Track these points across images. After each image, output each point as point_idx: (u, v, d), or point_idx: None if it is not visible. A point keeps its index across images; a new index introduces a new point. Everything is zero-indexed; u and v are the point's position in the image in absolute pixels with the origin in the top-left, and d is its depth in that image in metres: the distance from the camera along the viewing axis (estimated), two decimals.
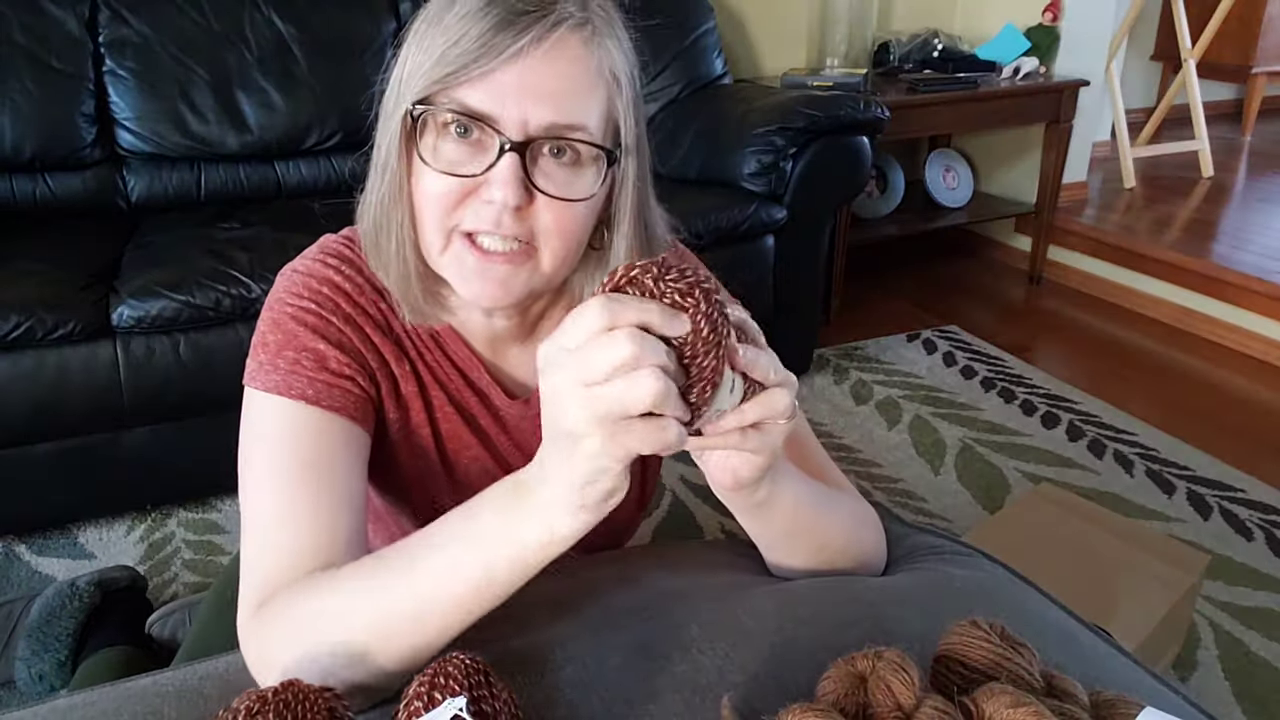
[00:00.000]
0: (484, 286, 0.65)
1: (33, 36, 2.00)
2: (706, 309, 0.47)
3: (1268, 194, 3.44)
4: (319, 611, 0.57)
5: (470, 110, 0.61)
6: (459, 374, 0.77)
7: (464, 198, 0.63)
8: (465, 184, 0.62)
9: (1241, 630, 1.54)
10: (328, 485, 0.64)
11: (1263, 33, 4.14)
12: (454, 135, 0.62)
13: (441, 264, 0.66)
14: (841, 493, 0.74)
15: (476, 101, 0.60)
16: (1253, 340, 2.60)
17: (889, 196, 3.03)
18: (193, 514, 1.86)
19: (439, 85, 0.61)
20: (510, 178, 0.60)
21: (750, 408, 0.51)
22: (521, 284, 0.66)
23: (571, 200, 0.64)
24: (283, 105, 2.17)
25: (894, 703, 0.49)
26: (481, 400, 0.78)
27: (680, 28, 2.55)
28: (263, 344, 0.69)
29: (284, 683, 0.50)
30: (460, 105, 0.61)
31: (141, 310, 1.63)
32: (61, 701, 0.61)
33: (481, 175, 0.62)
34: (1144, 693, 0.59)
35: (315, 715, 0.48)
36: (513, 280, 0.65)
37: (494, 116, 0.60)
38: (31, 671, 1.36)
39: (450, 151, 0.62)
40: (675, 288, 0.47)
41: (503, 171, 0.61)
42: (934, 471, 2.02)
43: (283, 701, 0.48)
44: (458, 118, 0.61)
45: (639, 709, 0.57)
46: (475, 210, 0.63)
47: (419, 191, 0.64)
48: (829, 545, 0.71)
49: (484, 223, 0.63)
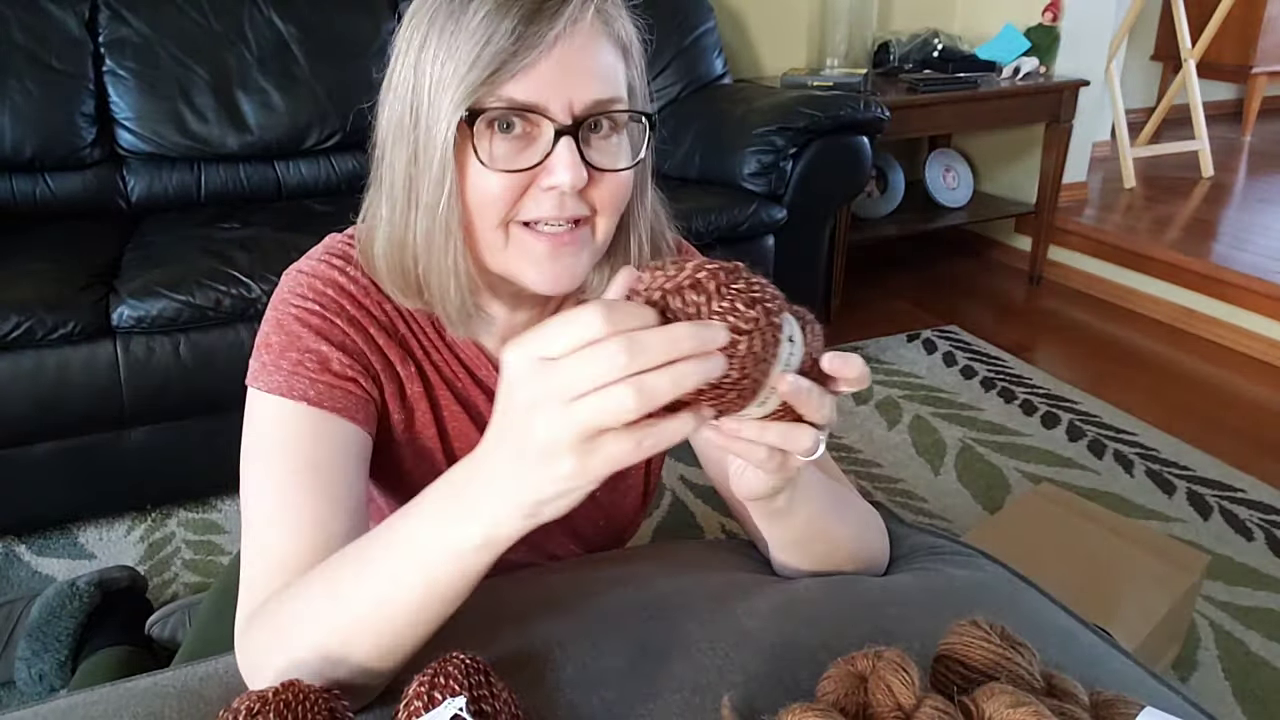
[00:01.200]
0: (557, 272, 0.66)
1: (33, 36, 2.00)
2: (763, 325, 0.44)
3: (1268, 194, 3.44)
4: (295, 615, 0.57)
5: (520, 104, 0.61)
6: (466, 372, 0.77)
7: (523, 192, 0.64)
8: (524, 177, 0.63)
9: (1241, 630, 1.54)
10: (327, 487, 0.64)
11: (1263, 33, 4.14)
12: (500, 134, 0.63)
13: (507, 259, 0.66)
14: (853, 496, 0.75)
15: (524, 94, 0.61)
16: (1253, 340, 2.60)
17: (889, 196, 3.02)
18: (193, 514, 1.86)
19: (484, 88, 0.61)
20: (572, 160, 0.61)
21: (771, 430, 0.50)
22: (585, 264, 0.68)
23: (625, 169, 0.66)
24: (283, 105, 2.17)
25: (894, 703, 0.49)
26: (490, 398, 0.78)
27: (680, 28, 2.55)
28: (266, 345, 0.69)
29: (284, 683, 0.50)
30: (510, 101, 0.61)
31: (141, 310, 1.63)
32: (61, 701, 0.61)
33: (540, 164, 0.63)
34: (1144, 693, 0.59)
35: (315, 715, 0.48)
36: (580, 260, 0.67)
37: (543, 105, 0.61)
38: (31, 671, 1.36)
39: (502, 148, 0.63)
40: (741, 297, 0.44)
41: (563, 156, 0.62)
42: (934, 471, 2.02)
43: (283, 701, 0.48)
44: (507, 114, 0.62)
45: (639, 709, 0.57)
46: (535, 200, 0.64)
47: (478, 194, 0.64)
48: (839, 550, 0.71)
49: (546, 210, 0.64)
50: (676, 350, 0.41)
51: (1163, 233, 3.00)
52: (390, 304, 0.73)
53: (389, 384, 0.73)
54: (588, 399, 0.42)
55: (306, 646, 0.55)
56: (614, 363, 0.41)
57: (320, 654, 0.54)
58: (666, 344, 0.41)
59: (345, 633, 0.54)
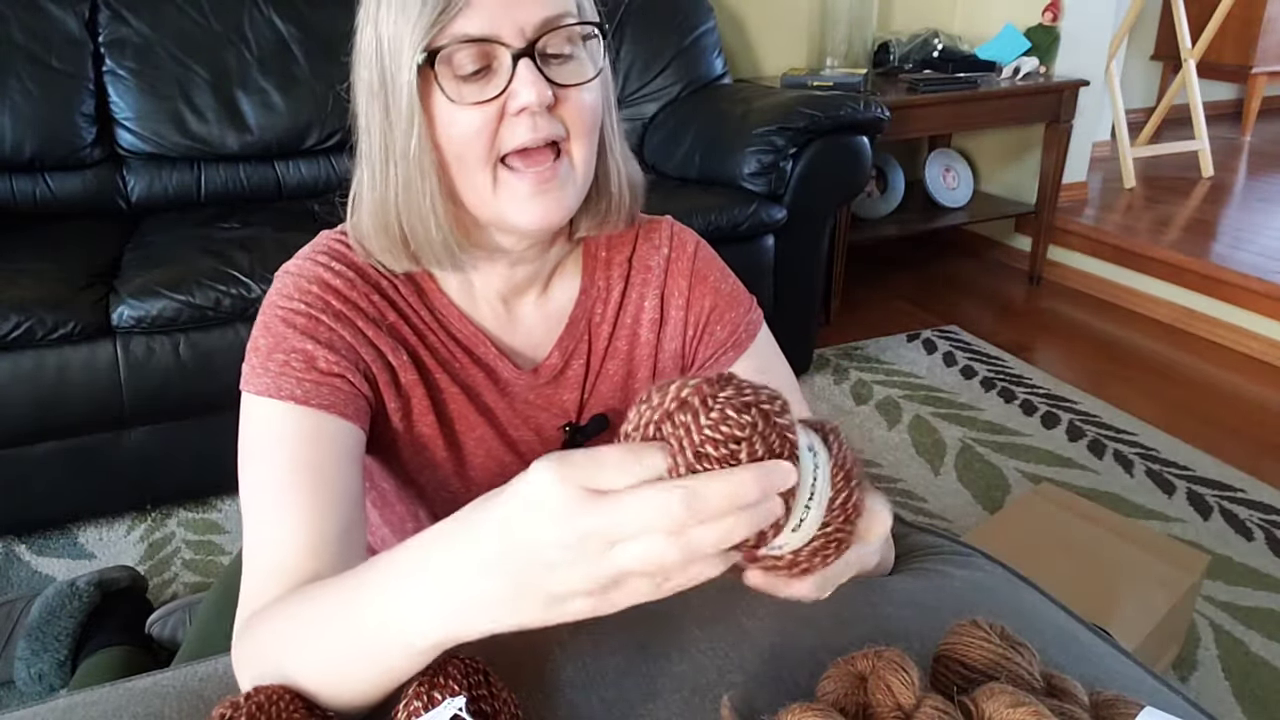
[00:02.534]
0: (545, 207, 0.67)
1: (33, 36, 2.00)
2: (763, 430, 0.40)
3: (1268, 194, 3.45)
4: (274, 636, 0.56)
5: (473, 37, 0.63)
6: (464, 351, 0.77)
7: (498, 122, 0.65)
8: (493, 107, 0.65)
9: (1241, 630, 1.54)
10: (319, 486, 0.65)
11: (1263, 33, 4.14)
12: (464, 71, 0.64)
13: (497, 201, 0.68)
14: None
15: (475, 28, 0.63)
16: (1253, 340, 2.60)
17: (889, 196, 3.03)
18: (193, 514, 1.86)
19: (436, 29, 0.63)
20: (533, 78, 0.63)
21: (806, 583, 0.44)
22: (570, 198, 0.69)
23: (589, 81, 0.67)
24: (283, 105, 2.17)
25: (894, 703, 0.49)
26: (488, 375, 0.78)
27: (680, 28, 2.55)
28: (254, 348, 0.69)
29: (258, 687, 0.50)
30: (463, 36, 0.63)
31: (141, 310, 1.63)
32: (61, 701, 0.61)
33: (505, 90, 0.64)
34: (1144, 693, 0.59)
35: (290, 718, 0.48)
36: (565, 194, 0.68)
37: (495, 34, 0.63)
38: (31, 671, 1.36)
39: (465, 88, 0.65)
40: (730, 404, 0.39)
41: (524, 76, 0.63)
42: (934, 471, 2.02)
43: (255, 704, 0.48)
44: (464, 47, 0.63)
45: (639, 709, 0.57)
46: (511, 129, 0.65)
47: (453, 138, 0.66)
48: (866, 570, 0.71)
49: (521, 135, 0.65)
50: (736, 505, 0.38)
51: (1163, 233, 3.00)
52: (379, 294, 0.73)
53: (381, 374, 0.73)
54: (628, 546, 0.38)
55: (277, 674, 0.54)
56: (670, 514, 0.37)
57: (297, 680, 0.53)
58: (727, 500, 0.38)
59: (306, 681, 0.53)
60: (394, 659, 0.49)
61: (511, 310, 0.79)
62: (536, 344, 0.80)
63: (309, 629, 0.54)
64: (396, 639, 0.48)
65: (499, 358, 0.78)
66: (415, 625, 0.47)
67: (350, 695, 0.52)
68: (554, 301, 0.80)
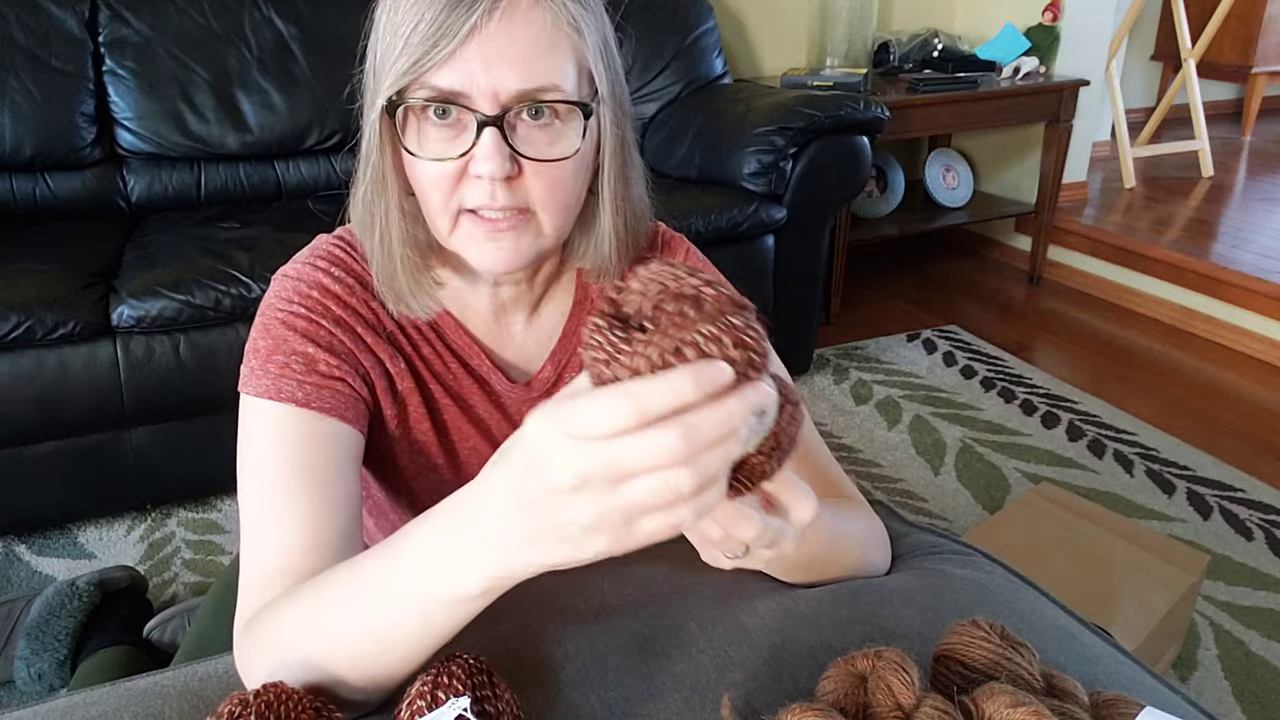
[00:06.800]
0: (497, 254, 0.66)
1: (33, 36, 2.00)
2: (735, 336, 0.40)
3: (1268, 194, 3.45)
4: (283, 630, 0.56)
5: (442, 92, 0.61)
6: (459, 362, 0.77)
7: (459, 177, 0.64)
8: (457, 165, 0.63)
9: (1241, 630, 1.54)
10: (319, 488, 0.64)
11: (1263, 33, 4.14)
12: (434, 119, 0.63)
13: (454, 242, 0.67)
14: (855, 515, 0.74)
15: (446, 83, 0.61)
16: (1253, 340, 2.60)
17: (889, 196, 3.03)
18: (193, 514, 1.86)
19: (411, 74, 0.61)
20: (493, 152, 0.61)
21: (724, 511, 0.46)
22: (529, 246, 0.67)
23: (557, 160, 0.64)
24: (283, 105, 2.17)
25: (894, 702, 0.49)
26: (482, 387, 0.78)
27: (680, 28, 2.55)
28: (254, 350, 0.69)
29: (266, 685, 0.50)
30: (433, 89, 0.61)
31: (141, 310, 1.63)
32: (61, 701, 0.61)
33: (468, 153, 0.62)
34: (1144, 693, 0.59)
35: (298, 716, 0.48)
36: (520, 244, 0.66)
37: (465, 94, 0.61)
38: (31, 671, 1.36)
39: (434, 135, 0.63)
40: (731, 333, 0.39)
41: (485, 147, 0.61)
42: (934, 471, 2.02)
43: (264, 703, 0.48)
44: (432, 102, 0.62)
45: (639, 708, 0.57)
46: (471, 188, 0.64)
47: (417, 180, 0.65)
48: (842, 571, 0.71)
49: (480, 198, 0.63)
50: (730, 427, 0.39)
51: (1163, 233, 3.00)
52: (377, 301, 0.73)
53: (379, 380, 0.73)
54: (641, 480, 0.39)
55: (295, 661, 0.54)
56: (673, 451, 0.38)
57: (307, 670, 0.54)
58: (721, 426, 0.39)
59: (334, 659, 0.53)
60: (444, 613, 0.50)
61: (503, 326, 0.78)
62: (529, 358, 0.80)
63: (341, 606, 0.54)
64: (449, 592, 0.48)
65: (492, 370, 0.78)
66: (466, 573, 0.47)
67: (389, 664, 0.53)
68: (545, 319, 0.80)
